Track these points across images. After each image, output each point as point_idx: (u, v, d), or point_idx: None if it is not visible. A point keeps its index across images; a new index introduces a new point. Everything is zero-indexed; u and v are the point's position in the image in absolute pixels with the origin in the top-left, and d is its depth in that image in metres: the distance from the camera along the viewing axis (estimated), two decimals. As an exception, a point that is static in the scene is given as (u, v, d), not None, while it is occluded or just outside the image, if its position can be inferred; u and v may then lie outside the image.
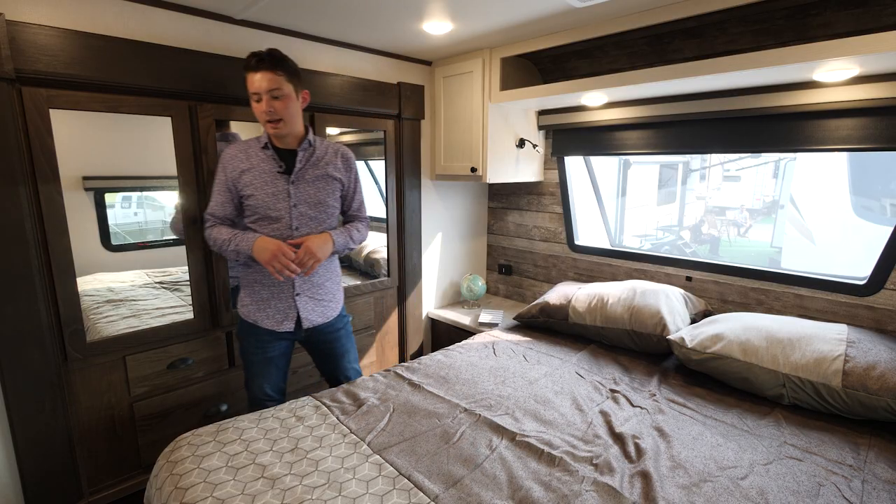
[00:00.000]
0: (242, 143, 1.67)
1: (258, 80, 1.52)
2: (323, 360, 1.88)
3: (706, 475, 1.26)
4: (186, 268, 1.92)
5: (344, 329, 1.87)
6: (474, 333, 2.56)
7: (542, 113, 2.70)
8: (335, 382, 1.90)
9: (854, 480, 1.24)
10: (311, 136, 1.68)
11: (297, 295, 1.69)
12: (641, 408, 1.61)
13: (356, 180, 1.81)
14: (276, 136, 1.62)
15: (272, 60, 1.52)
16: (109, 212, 1.83)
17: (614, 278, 2.61)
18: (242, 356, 1.78)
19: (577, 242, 2.75)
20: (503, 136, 2.52)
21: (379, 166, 2.62)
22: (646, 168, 5.14)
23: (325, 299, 1.76)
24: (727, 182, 6.13)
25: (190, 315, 1.94)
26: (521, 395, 1.69)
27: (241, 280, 1.75)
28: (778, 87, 1.87)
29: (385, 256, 2.64)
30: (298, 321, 1.71)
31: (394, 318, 2.77)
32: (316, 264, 1.61)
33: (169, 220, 1.97)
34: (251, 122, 1.99)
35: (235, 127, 2.04)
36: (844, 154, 3.70)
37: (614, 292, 2.18)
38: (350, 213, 1.85)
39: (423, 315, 2.93)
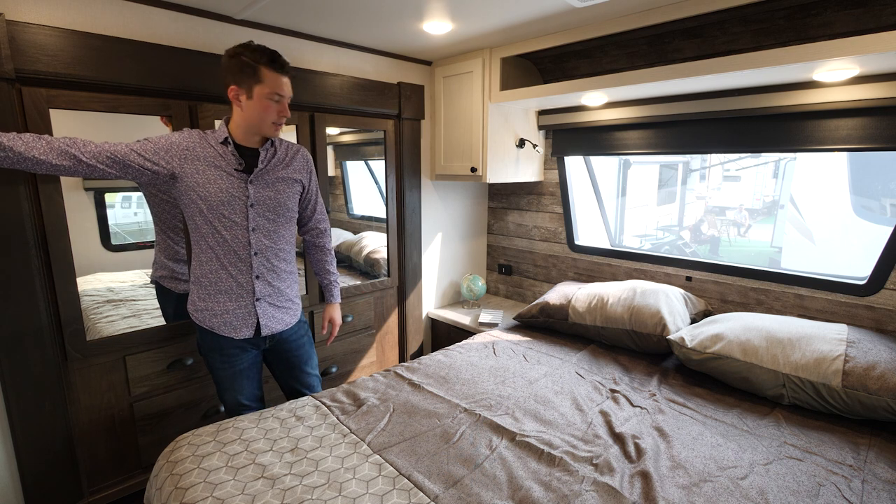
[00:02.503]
0: (199, 132, 1.55)
1: (287, 84, 1.50)
2: (284, 370, 1.79)
3: (706, 475, 1.26)
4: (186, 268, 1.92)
5: (306, 335, 1.81)
6: (474, 333, 2.56)
7: (542, 113, 2.70)
8: (294, 394, 1.81)
9: (854, 480, 1.24)
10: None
11: (258, 300, 1.59)
12: (641, 408, 1.61)
13: (316, 182, 1.75)
14: (253, 134, 1.53)
15: (290, 68, 1.51)
16: (109, 212, 1.83)
17: (614, 278, 2.61)
18: (210, 370, 1.68)
19: (577, 242, 2.75)
20: (503, 136, 2.52)
21: (379, 166, 2.62)
22: (646, 168, 5.14)
23: (284, 305, 1.68)
24: (727, 182, 6.13)
25: (190, 315, 1.94)
26: (521, 395, 1.69)
27: (192, 278, 1.59)
28: (778, 87, 1.87)
29: (385, 256, 2.64)
30: (258, 328, 1.61)
31: (394, 318, 2.78)
32: (339, 327, 1.92)
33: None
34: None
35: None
36: (844, 154, 3.70)
37: (614, 292, 2.18)
38: (313, 221, 1.78)
39: (423, 315, 2.93)
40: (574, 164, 2.76)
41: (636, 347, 2.06)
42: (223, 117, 1.65)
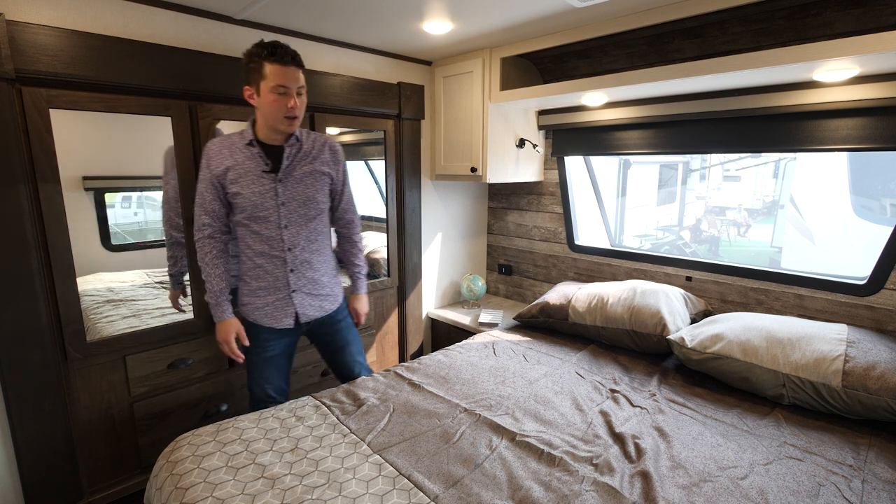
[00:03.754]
0: (225, 137, 1.60)
1: (290, 74, 1.48)
2: (326, 353, 1.89)
3: (706, 475, 1.26)
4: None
5: (344, 322, 1.85)
6: (474, 333, 2.56)
7: (542, 113, 2.70)
8: (343, 378, 1.90)
9: (854, 480, 1.24)
10: (297, 131, 1.64)
11: (294, 291, 1.68)
12: (641, 408, 1.61)
13: (345, 172, 1.77)
14: (273, 131, 1.58)
15: (298, 56, 1.50)
16: (109, 212, 1.83)
17: (614, 278, 2.61)
18: (245, 357, 1.76)
19: (577, 242, 2.75)
20: (503, 136, 2.52)
21: (379, 166, 2.62)
22: (646, 168, 5.14)
23: (321, 294, 1.74)
24: (727, 182, 6.13)
25: (190, 315, 1.94)
26: (521, 395, 1.69)
27: (239, 278, 1.72)
28: (778, 87, 1.87)
29: (385, 256, 2.64)
30: (297, 317, 1.71)
31: (394, 318, 2.78)
32: (365, 315, 1.92)
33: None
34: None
35: (229, 126, 2.04)
36: (844, 154, 3.70)
37: (614, 292, 2.18)
38: (339, 211, 1.81)
39: (423, 315, 2.93)
40: (574, 164, 2.76)
41: (636, 347, 2.06)
42: (249, 118, 1.66)
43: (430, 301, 2.97)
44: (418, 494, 1.18)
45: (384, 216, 2.61)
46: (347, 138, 2.64)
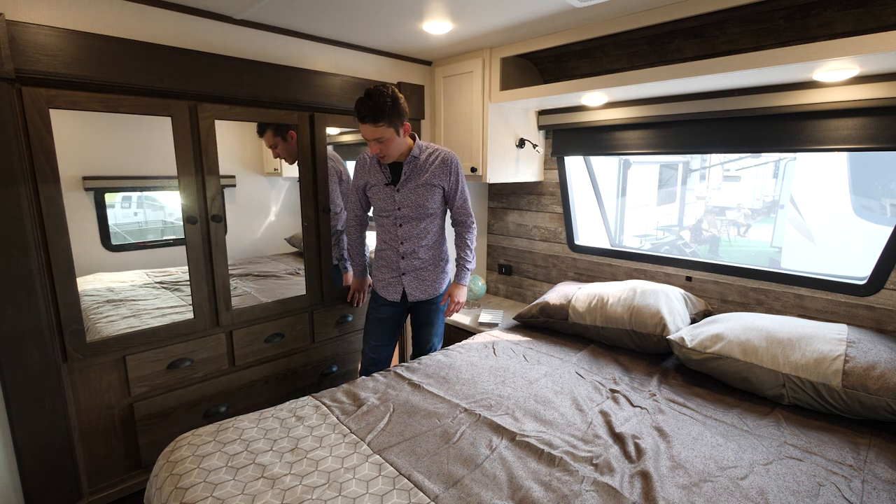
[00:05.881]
0: (369, 154, 2.01)
1: (365, 131, 1.81)
2: (413, 326, 2.24)
3: (706, 475, 1.26)
4: (186, 268, 1.92)
5: (436, 306, 2.17)
6: (474, 333, 2.56)
7: (542, 113, 2.70)
8: (417, 349, 2.25)
9: (854, 480, 1.24)
10: (416, 149, 1.97)
11: (403, 275, 2.07)
12: (641, 408, 1.61)
13: (457, 181, 2.05)
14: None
15: (374, 115, 1.76)
16: (109, 212, 1.84)
17: (614, 278, 2.61)
18: (365, 315, 2.24)
19: (577, 242, 2.75)
20: (503, 136, 2.52)
21: (379, 166, 2.61)
22: (646, 168, 5.13)
23: (427, 279, 2.11)
24: (727, 182, 6.13)
25: (190, 315, 1.94)
26: (521, 394, 1.69)
27: (374, 257, 2.17)
28: (778, 87, 1.87)
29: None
30: (405, 295, 2.10)
31: (394, 318, 2.77)
32: (461, 305, 2.17)
33: (170, 219, 1.97)
34: (250, 120, 1.98)
35: (229, 126, 2.04)
36: (844, 154, 3.70)
37: (614, 292, 2.18)
38: (454, 213, 2.13)
39: (423, 315, 2.93)
40: (574, 164, 2.76)
41: (636, 347, 2.06)
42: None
43: (430, 301, 2.97)
44: (418, 494, 1.18)
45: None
46: (347, 138, 2.64)
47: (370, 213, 2.18)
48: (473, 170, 2.50)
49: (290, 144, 2.16)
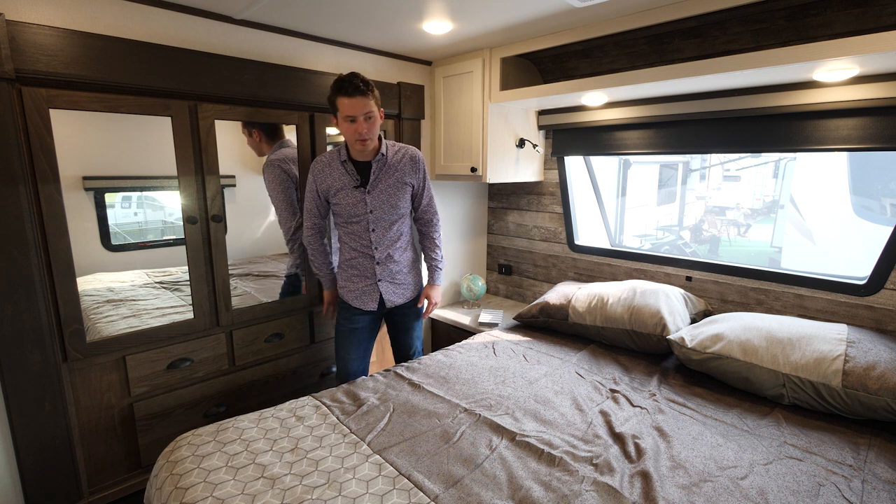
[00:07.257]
0: (327, 156, 1.91)
1: (356, 105, 1.70)
2: (392, 332, 2.17)
3: (706, 475, 1.26)
4: (186, 268, 1.92)
5: (414, 309, 2.11)
6: (474, 333, 2.56)
7: (542, 113, 2.70)
8: (399, 355, 2.18)
9: (854, 480, 1.24)
10: (383, 147, 1.88)
11: (379, 281, 1.97)
12: (641, 408, 1.61)
13: (425, 178, 2.00)
14: (360, 152, 1.84)
15: (365, 86, 1.70)
16: (109, 212, 1.83)
17: (614, 278, 2.61)
18: (335, 328, 2.08)
19: (577, 242, 2.75)
20: (503, 136, 2.52)
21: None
22: (646, 168, 5.13)
23: (404, 283, 2.03)
24: (727, 182, 6.13)
25: (190, 315, 1.94)
26: (521, 394, 1.69)
27: (339, 266, 2.05)
28: (778, 87, 1.87)
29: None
30: (381, 301, 2.00)
31: (394, 318, 2.78)
32: (436, 305, 2.13)
33: (170, 219, 1.97)
34: (250, 120, 1.98)
35: (229, 126, 2.04)
36: (844, 154, 3.70)
37: (614, 292, 2.18)
38: (420, 212, 2.06)
39: (423, 315, 2.93)
40: (574, 164, 2.76)
41: (636, 347, 2.06)
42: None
43: (430, 301, 2.97)
44: (418, 494, 1.18)
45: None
46: (347, 138, 2.63)
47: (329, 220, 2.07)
48: (473, 170, 2.50)
49: (253, 141, 2.16)
